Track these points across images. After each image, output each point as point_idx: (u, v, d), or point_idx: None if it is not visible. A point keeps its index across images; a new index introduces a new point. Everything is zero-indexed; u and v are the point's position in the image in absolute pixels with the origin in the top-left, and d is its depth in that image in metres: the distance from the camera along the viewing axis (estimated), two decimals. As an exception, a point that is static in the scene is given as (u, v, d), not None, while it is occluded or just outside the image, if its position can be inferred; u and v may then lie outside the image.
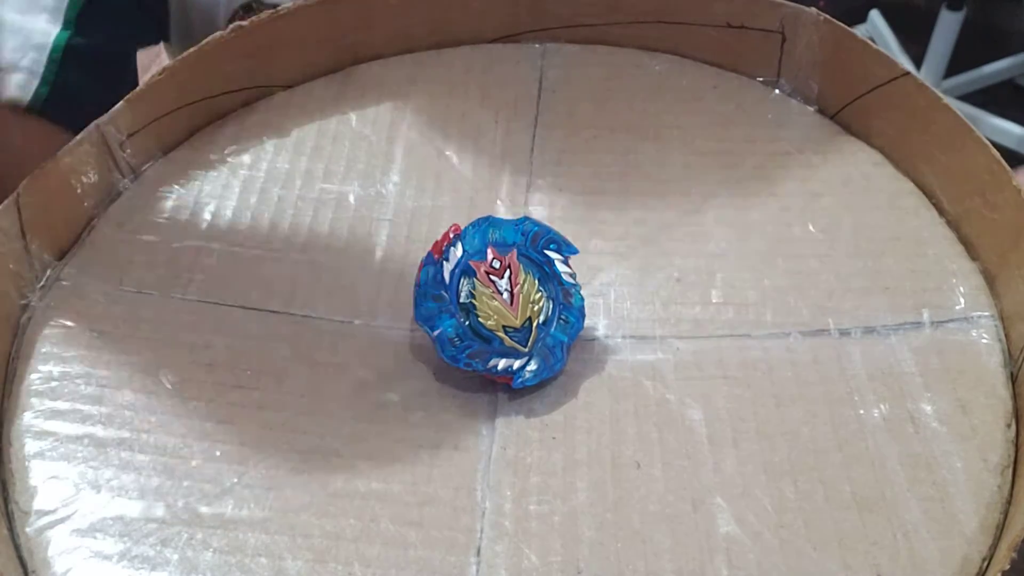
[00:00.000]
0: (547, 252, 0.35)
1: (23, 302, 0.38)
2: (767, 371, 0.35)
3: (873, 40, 0.43)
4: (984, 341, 0.35)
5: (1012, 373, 0.35)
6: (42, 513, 0.32)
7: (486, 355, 0.34)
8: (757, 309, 0.37)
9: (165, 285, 0.39)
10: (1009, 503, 0.32)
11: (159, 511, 0.32)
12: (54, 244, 0.39)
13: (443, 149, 0.43)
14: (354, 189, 0.42)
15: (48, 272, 0.39)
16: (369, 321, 0.38)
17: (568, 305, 0.35)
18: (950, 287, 0.37)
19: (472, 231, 0.34)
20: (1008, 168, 0.37)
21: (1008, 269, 0.37)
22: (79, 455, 0.33)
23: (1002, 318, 0.36)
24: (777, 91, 0.45)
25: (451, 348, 0.34)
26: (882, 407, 0.34)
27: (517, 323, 0.34)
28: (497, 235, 0.35)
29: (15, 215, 0.37)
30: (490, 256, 0.34)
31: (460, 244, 0.34)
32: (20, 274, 0.38)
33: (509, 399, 0.35)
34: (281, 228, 0.41)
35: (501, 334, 0.34)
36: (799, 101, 0.45)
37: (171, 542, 0.31)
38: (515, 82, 0.46)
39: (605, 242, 0.40)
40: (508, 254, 0.34)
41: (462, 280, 0.34)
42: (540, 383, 0.35)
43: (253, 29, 0.44)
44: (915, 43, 1.43)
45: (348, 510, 0.32)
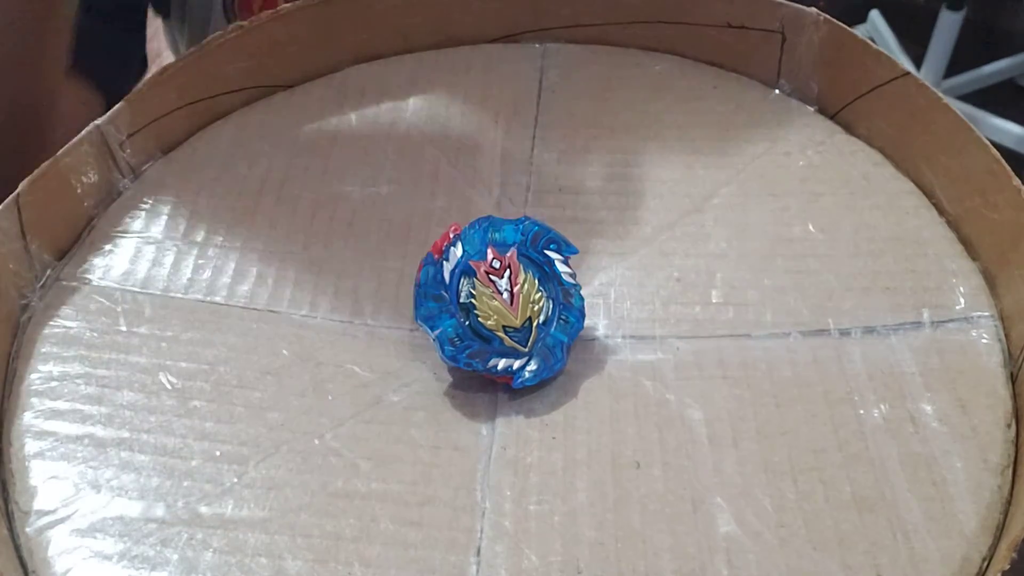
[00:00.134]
0: (547, 252, 0.35)
1: (23, 302, 0.38)
2: (767, 371, 0.35)
3: (873, 40, 0.43)
4: (984, 341, 0.35)
5: (1012, 373, 0.35)
6: (42, 513, 0.32)
7: (486, 355, 0.34)
8: (757, 309, 0.37)
9: (165, 285, 0.39)
10: (1009, 503, 0.32)
11: (159, 511, 0.32)
12: (54, 244, 0.40)
13: (443, 149, 0.43)
14: (354, 189, 0.42)
15: (48, 272, 0.39)
16: (369, 321, 0.38)
17: (568, 305, 0.35)
18: (950, 287, 0.37)
19: (472, 231, 0.34)
20: (1008, 168, 0.37)
21: (1008, 269, 0.37)
22: (79, 455, 0.33)
23: (1002, 318, 0.36)
24: (777, 91, 0.45)
25: (451, 348, 0.34)
26: (882, 407, 0.34)
27: (517, 323, 0.34)
28: (497, 235, 0.35)
29: (15, 215, 0.37)
30: (490, 256, 0.34)
31: (460, 244, 0.34)
32: (20, 274, 0.38)
33: (509, 399, 0.35)
34: (281, 228, 0.41)
35: (501, 334, 0.34)
36: (799, 101, 0.45)
37: (171, 542, 0.31)
38: (515, 82, 0.46)
39: (605, 242, 0.40)
40: (508, 254, 0.34)
41: (462, 280, 0.34)
42: (540, 383, 0.35)
43: (253, 29, 0.44)
44: (915, 43, 1.43)
45: (348, 510, 0.32)
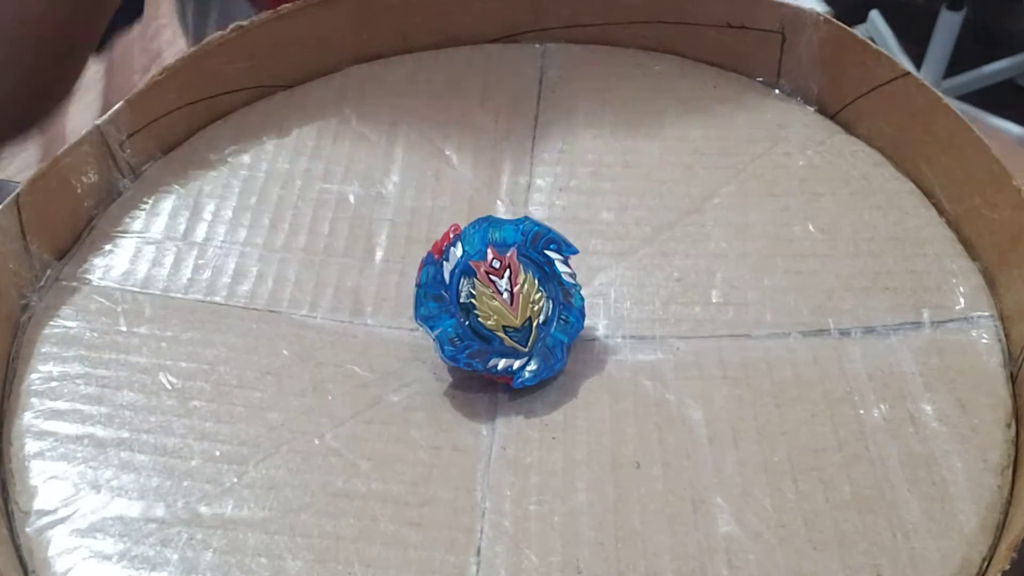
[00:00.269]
0: (547, 252, 0.35)
1: (23, 302, 0.38)
2: (767, 371, 0.35)
3: (873, 40, 0.43)
4: (984, 341, 0.35)
5: (1012, 373, 0.35)
6: (42, 513, 0.32)
7: (486, 355, 0.34)
8: (757, 309, 0.37)
9: (165, 285, 0.39)
10: (1009, 503, 0.32)
11: (159, 511, 0.32)
12: (54, 244, 0.40)
13: (443, 149, 0.43)
14: (354, 189, 0.42)
15: (48, 272, 0.39)
16: (369, 321, 0.38)
17: (568, 305, 0.35)
18: (950, 287, 0.37)
19: (472, 231, 0.34)
20: (1008, 168, 0.37)
21: (1008, 269, 0.37)
22: (79, 455, 0.33)
23: (1002, 318, 0.36)
24: (777, 91, 0.45)
25: (451, 348, 0.34)
26: (882, 407, 0.34)
27: (517, 323, 0.34)
28: (497, 235, 0.35)
29: (15, 215, 0.37)
30: (490, 256, 0.34)
31: (460, 244, 0.34)
32: (20, 274, 0.38)
33: (509, 399, 0.35)
34: (281, 228, 0.41)
35: (501, 334, 0.34)
36: (799, 101, 0.45)
37: (171, 542, 0.31)
38: (515, 82, 0.46)
39: (605, 242, 0.40)
40: (508, 254, 0.34)
41: (462, 280, 0.34)
42: (540, 383, 0.35)
43: (253, 29, 0.44)
44: (915, 43, 1.43)
45: (348, 510, 0.32)
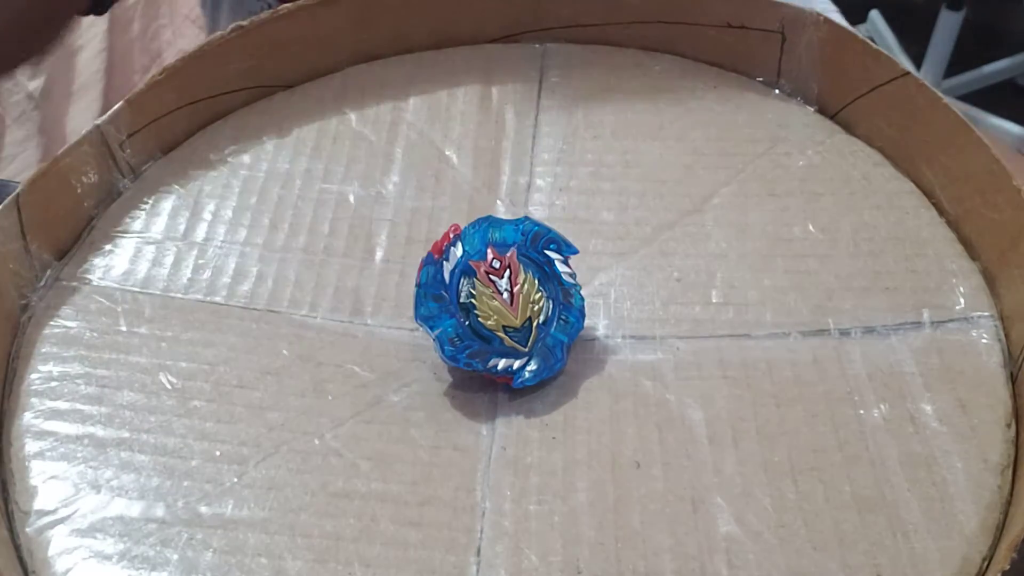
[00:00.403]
0: (547, 252, 0.35)
1: (23, 302, 0.38)
2: (767, 371, 0.35)
3: (873, 40, 0.43)
4: (984, 341, 0.35)
5: (1012, 373, 0.35)
6: (42, 513, 0.32)
7: (486, 355, 0.34)
8: (757, 309, 0.37)
9: (166, 285, 0.39)
10: (1009, 503, 0.32)
11: (159, 511, 0.32)
12: (54, 244, 0.40)
13: (443, 149, 0.43)
14: (354, 189, 0.42)
15: (48, 272, 0.39)
16: (369, 321, 0.38)
17: (568, 305, 0.35)
18: (950, 287, 0.37)
19: (472, 231, 0.34)
20: (1008, 168, 0.37)
21: (1008, 269, 0.37)
22: (79, 455, 0.33)
23: (1002, 318, 0.36)
24: (777, 91, 0.45)
25: (451, 348, 0.34)
26: (882, 407, 0.34)
27: (517, 323, 0.34)
28: (497, 235, 0.35)
29: (15, 215, 0.37)
30: (490, 256, 0.34)
31: (460, 244, 0.34)
32: (20, 274, 0.38)
33: (509, 399, 0.35)
34: (281, 228, 0.41)
35: (501, 334, 0.34)
36: (799, 101, 0.45)
37: (171, 542, 0.31)
38: (515, 82, 0.46)
39: (605, 242, 0.40)
40: (508, 254, 0.34)
41: (462, 280, 0.34)
42: (540, 383, 0.35)
43: (253, 29, 0.44)
44: (915, 43, 1.43)
45: (348, 510, 0.32)
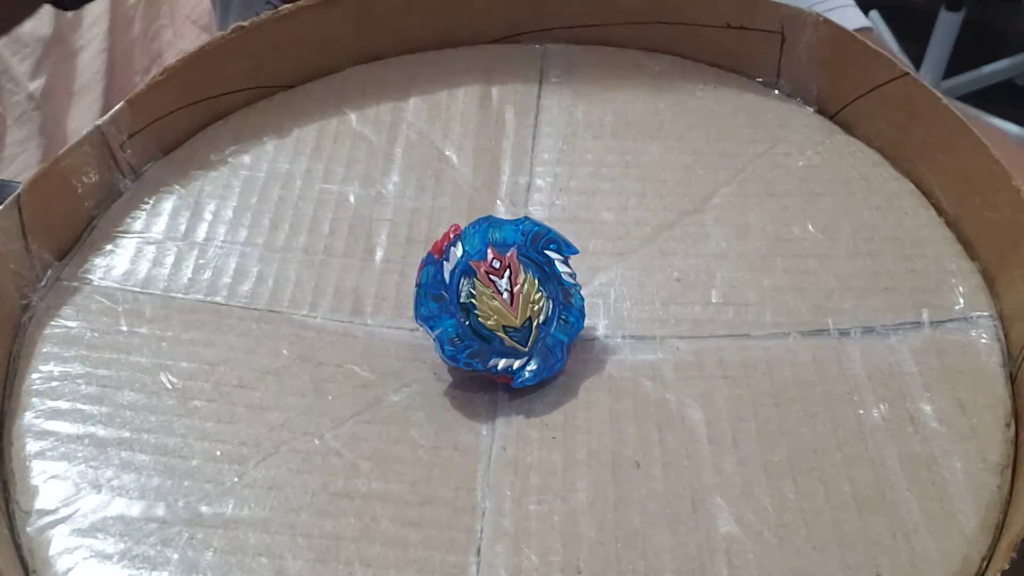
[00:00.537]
0: (547, 252, 0.35)
1: (24, 302, 0.38)
2: (767, 371, 0.35)
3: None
4: (983, 341, 0.35)
5: (1011, 373, 0.35)
6: (43, 513, 0.32)
7: (486, 355, 0.34)
8: (757, 309, 0.37)
9: (166, 285, 0.39)
10: (1009, 503, 0.32)
11: (160, 511, 0.32)
12: (55, 244, 0.40)
13: (443, 149, 0.44)
14: (354, 189, 0.42)
15: (49, 272, 0.39)
16: (369, 321, 0.38)
17: (568, 305, 0.35)
18: (949, 287, 0.37)
19: (472, 231, 0.34)
20: (1007, 168, 0.37)
21: (1007, 269, 0.37)
22: (80, 455, 0.33)
23: (1001, 318, 0.36)
24: (777, 91, 0.45)
25: (451, 348, 0.34)
26: (882, 407, 0.34)
27: (517, 323, 0.34)
28: (497, 235, 0.35)
29: (16, 215, 0.37)
30: (490, 256, 0.34)
31: (460, 244, 0.34)
32: (21, 274, 0.38)
33: (509, 399, 0.35)
34: (281, 228, 0.41)
35: (501, 334, 0.34)
36: (799, 101, 0.45)
37: (172, 542, 0.31)
38: (515, 82, 0.46)
39: (605, 242, 0.40)
40: (508, 254, 0.35)
41: (462, 280, 0.34)
42: (540, 383, 0.35)
43: (253, 29, 0.44)
44: (915, 43, 1.43)
45: (348, 510, 0.32)
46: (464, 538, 0.32)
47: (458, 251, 0.34)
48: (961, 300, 0.37)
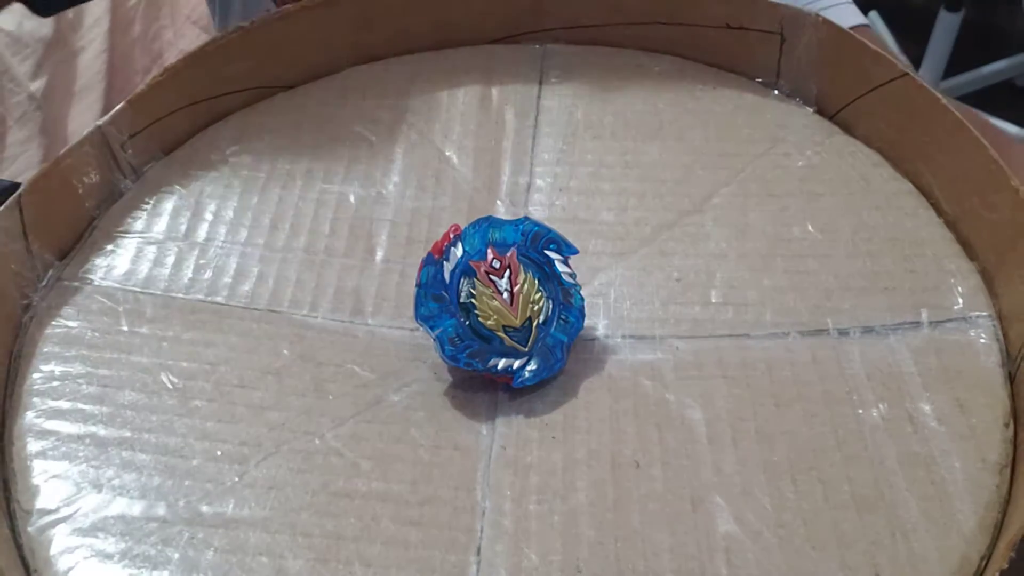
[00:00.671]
0: (547, 252, 0.35)
1: (25, 302, 0.38)
2: (766, 371, 0.35)
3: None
4: (982, 341, 0.36)
5: (1010, 373, 0.35)
6: (44, 512, 0.32)
7: (486, 355, 0.34)
8: (756, 309, 0.37)
9: (167, 285, 0.39)
10: (1007, 502, 0.32)
11: (160, 510, 0.32)
12: (56, 244, 0.40)
13: (443, 149, 0.44)
14: (354, 189, 0.42)
15: (50, 272, 0.39)
16: (369, 321, 0.38)
17: (568, 305, 0.35)
18: (948, 287, 0.37)
19: (472, 231, 0.35)
20: (1006, 168, 0.37)
21: (1006, 269, 0.37)
22: (81, 454, 0.34)
23: (1000, 318, 0.36)
24: (777, 91, 0.45)
25: (451, 348, 0.34)
26: (881, 407, 0.34)
27: (517, 323, 0.34)
28: (497, 235, 0.35)
29: (17, 216, 0.37)
30: (490, 256, 0.34)
31: (460, 244, 0.34)
32: (22, 274, 0.38)
33: (509, 399, 0.35)
34: (282, 228, 0.41)
35: (501, 334, 0.34)
36: (799, 102, 0.45)
37: (172, 541, 0.31)
38: (515, 82, 0.46)
39: (605, 242, 0.40)
40: (508, 254, 0.35)
41: (462, 280, 0.34)
42: (540, 383, 0.35)
43: (254, 30, 0.44)
44: (914, 44, 1.43)
45: (348, 510, 0.32)
46: (464, 538, 0.32)
47: (458, 251, 0.34)
48: (960, 300, 0.37)
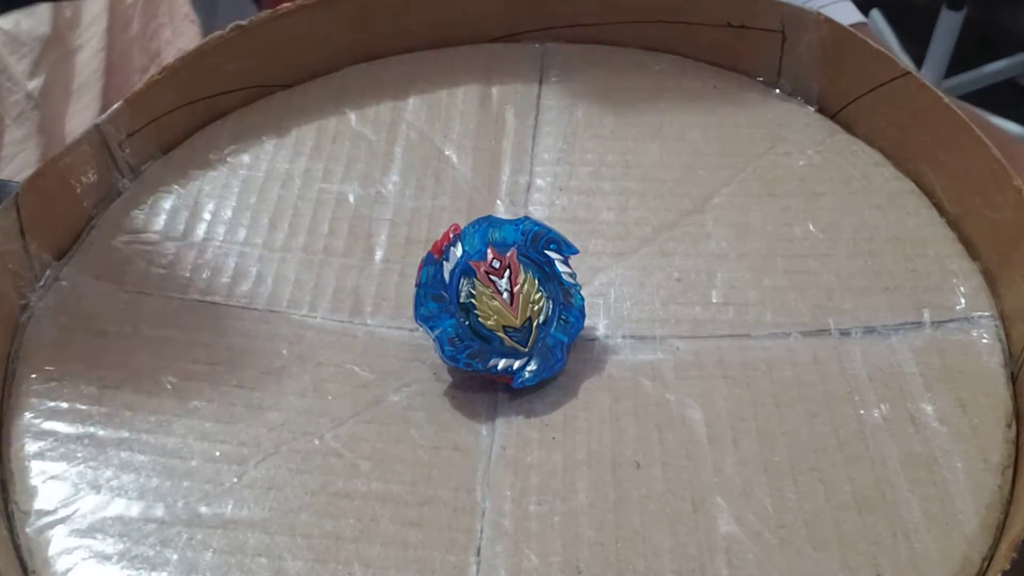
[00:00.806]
0: (547, 252, 0.35)
1: (23, 302, 0.38)
2: (767, 371, 0.35)
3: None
4: (984, 341, 0.35)
5: (1012, 373, 0.35)
6: (42, 513, 0.32)
7: (486, 355, 0.34)
8: (757, 309, 0.37)
9: (165, 285, 0.39)
10: (1009, 503, 0.32)
11: (159, 511, 0.32)
12: (54, 244, 0.39)
13: (443, 149, 0.43)
14: (354, 189, 0.42)
15: (48, 272, 0.39)
16: (369, 321, 0.38)
17: (568, 305, 0.35)
18: (950, 287, 0.37)
19: (472, 231, 0.34)
20: (1009, 168, 0.37)
21: (1009, 269, 0.37)
22: (79, 455, 0.33)
23: (1002, 318, 0.36)
24: (777, 91, 0.45)
25: (451, 348, 0.34)
26: (882, 407, 0.34)
27: (517, 323, 0.34)
28: (497, 235, 0.35)
29: (14, 215, 0.37)
30: (490, 256, 0.34)
31: (460, 244, 0.34)
32: (20, 274, 0.38)
33: (509, 399, 0.35)
34: (280, 228, 0.41)
35: (501, 334, 0.34)
36: (799, 101, 0.45)
37: (171, 542, 0.31)
38: (515, 82, 0.46)
39: (605, 242, 0.40)
40: (508, 254, 0.34)
41: (462, 280, 0.34)
42: (540, 383, 0.35)
43: (253, 29, 0.44)
44: (916, 43, 1.43)
45: (348, 510, 0.32)
46: (464, 538, 0.32)
47: (458, 251, 0.34)
48: (962, 300, 0.37)
